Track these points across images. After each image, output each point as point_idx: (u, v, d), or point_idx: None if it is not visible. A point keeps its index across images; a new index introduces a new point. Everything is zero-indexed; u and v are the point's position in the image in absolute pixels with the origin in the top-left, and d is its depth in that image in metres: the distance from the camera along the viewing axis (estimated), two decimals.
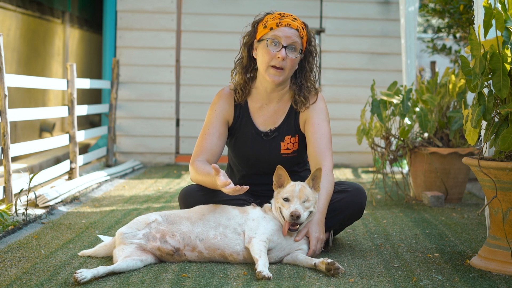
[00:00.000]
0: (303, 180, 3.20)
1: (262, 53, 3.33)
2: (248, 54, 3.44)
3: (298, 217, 2.98)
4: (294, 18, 3.37)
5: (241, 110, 3.48)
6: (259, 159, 3.46)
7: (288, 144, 3.44)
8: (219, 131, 3.44)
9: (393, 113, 4.88)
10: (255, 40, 3.39)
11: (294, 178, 3.22)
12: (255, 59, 3.43)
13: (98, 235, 3.41)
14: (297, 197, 3.03)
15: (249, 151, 3.46)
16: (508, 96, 2.96)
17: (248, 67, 3.45)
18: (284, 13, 3.39)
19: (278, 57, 3.29)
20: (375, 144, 5.03)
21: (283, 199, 3.05)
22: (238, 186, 2.99)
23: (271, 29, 3.32)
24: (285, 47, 3.29)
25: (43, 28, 8.47)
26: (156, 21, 7.60)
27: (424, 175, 4.98)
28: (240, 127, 3.48)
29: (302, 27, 3.36)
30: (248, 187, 3.03)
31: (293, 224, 3.02)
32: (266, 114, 3.46)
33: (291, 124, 3.44)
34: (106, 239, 3.22)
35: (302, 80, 3.43)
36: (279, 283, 2.72)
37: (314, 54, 3.45)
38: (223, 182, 3.02)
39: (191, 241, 3.00)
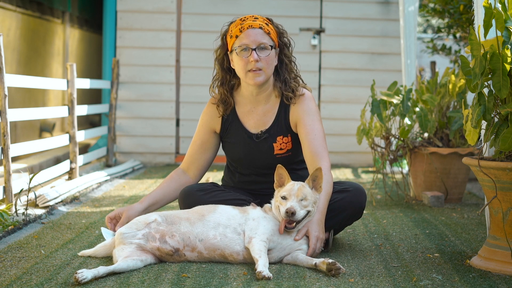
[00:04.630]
0: (302, 179, 3.21)
1: (236, 61, 3.38)
2: (221, 67, 3.48)
3: (293, 213, 2.99)
4: (255, 18, 3.38)
5: (229, 116, 3.51)
6: (253, 161, 3.49)
7: (281, 144, 3.45)
8: (201, 140, 3.56)
9: (393, 113, 4.88)
10: (228, 52, 3.43)
11: (293, 177, 3.23)
12: (231, 70, 3.47)
13: (101, 228, 3.40)
14: (294, 195, 3.04)
15: (242, 154, 3.49)
16: (508, 96, 2.96)
17: (224, 79, 3.50)
18: (245, 17, 3.41)
19: (252, 61, 3.32)
20: (375, 144, 5.03)
21: (281, 197, 3.07)
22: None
23: (236, 36, 3.35)
24: (254, 49, 3.32)
25: (43, 28, 8.47)
26: (156, 21, 7.60)
27: (424, 175, 4.98)
28: (231, 132, 3.51)
29: (266, 23, 3.38)
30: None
31: (290, 222, 3.03)
32: (256, 117, 3.48)
33: (282, 124, 3.45)
34: (108, 233, 3.23)
35: (285, 74, 3.45)
36: (279, 283, 2.72)
37: (289, 45, 3.48)
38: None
39: (190, 242, 3.00)
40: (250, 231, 3.00)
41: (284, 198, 3.06)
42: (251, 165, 3.50)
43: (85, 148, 8.13)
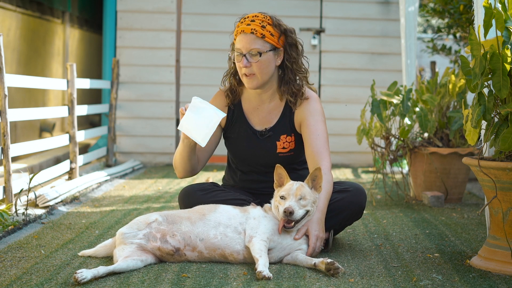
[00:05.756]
0: (302, 178, 3.21)
1: (236, 63, 3.41)
2: (233, 62, 3.50)
3: (291, 213, 2.99)
4: (252, 20, 3.36)
5: (234, 111, 3.52)
6: (255, 158, 3.49)
7: (284, 143, 3.45)
8: None
9: (393, 113, 4.88)
10: None
11: (293, 176, 3.24)
12: None
13: (194, 97, 3.22)
14: (293, 194, 3.04)
15: (245, 150, 3.49)
16: (508, 96, 2.96)
17: (236, 72, 3.51)
18: (246, 16, 3.41)
19: (242, 67, 3.35)
20: (375, 144, 5.03)
21: (280, 197, 3.07)
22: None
23: (234, 39, 3.39)
24: (245, 55, 3.33)
25: (43, 28, 8.47)
26: (156, 21, 7.60)
27: (424, 175, 4.98)
28: (235, 127, 3.51)
29: (263, 25, 3.34)
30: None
31: (288, 222, 3.03)
32: (261, 114, 3.49)
33: (286, 123, 3.46)
34: (203, 101, 3.14)
35: (289, 74, 3.43)
36: (279, 283, 2.72)
37: (294, 45, 3.43)
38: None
39: (191, 241, 3.00)
40: (251, 230, 3.00)
41: (282, 197, 3.06)
42: (253, 162, 3.51)
43: (85, 148, 8.13)
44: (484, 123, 3.06)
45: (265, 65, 3.35)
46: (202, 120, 3.14)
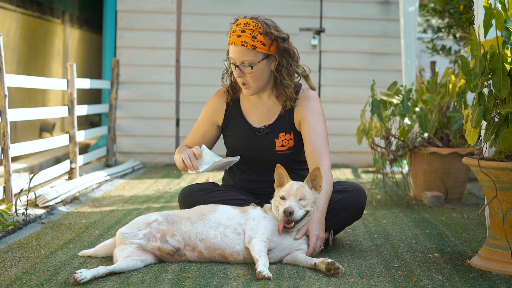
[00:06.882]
0: (303, 179, 3.21)
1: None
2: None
3: (291, 213, 2.99)
4: (242, 30, 3.32)
5: (233, 109, 3.54)
6: (254, 156, 3.50)
7: (283, 141, 3.46)
8: (203, 130, 3.59)
9: (393, 113, 4.88)
10: None
11: (293, 176, 3.24)
12: None
13: (203, 146, 3.39)
14: (293, 195, 3.04)
15: (244, 148, 3.50)
16: (508, 96, 2.96)
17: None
18: (238, 22, 3.35)
19: (236, 77, 3.38)
20: (375, 144, 5.03)
21: (280, 197, 3.07)
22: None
23: (228, 47, 3.40)
24: (238, 66, 3.34)
25: (43, 28, 8.47)
26: (156, 21, 7.60)
27: (424, 175, 4.98)
28: (233, 125, 3.52)
29: (254, 36, 3.30)
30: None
31: (288, 222, 3.03)
32: (260, 112, 3.51)
33: (286, 121, 3.46)
34: (210, 152, 3.32)
35: (280, 79, 3.43)
36: (279, 283, 2.72)
37: (286, 51, 3.40)
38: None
39: (191, 241, 3.00)
40: (250, 231, 3.00)
41: (282, 198, 3.06)
42: (252, 160, 3.51)
43: (85, 148, 8.13)
44: (484, 123, 3.07)
45: (258, 75, 3.36)
46: (217, 166, 3.36)
